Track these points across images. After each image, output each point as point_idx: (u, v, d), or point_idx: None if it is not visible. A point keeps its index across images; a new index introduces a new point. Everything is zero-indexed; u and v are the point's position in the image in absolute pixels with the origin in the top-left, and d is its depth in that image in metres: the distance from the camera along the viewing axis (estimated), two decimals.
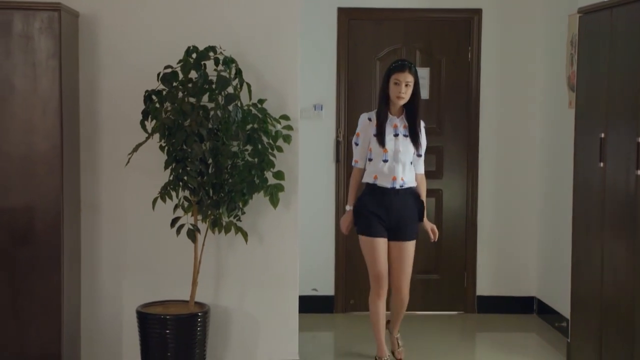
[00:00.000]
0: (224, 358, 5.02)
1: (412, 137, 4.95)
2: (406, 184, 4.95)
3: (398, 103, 4.91)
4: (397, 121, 4.95)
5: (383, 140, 4.90)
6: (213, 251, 4.95)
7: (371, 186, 4.96)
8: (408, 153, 4.95)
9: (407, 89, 4.88)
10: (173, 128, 4.57)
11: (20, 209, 4.51)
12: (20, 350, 4.48)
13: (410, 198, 4.99)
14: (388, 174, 4.92)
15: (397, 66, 4.92)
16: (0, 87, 4.46)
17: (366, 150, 5.00)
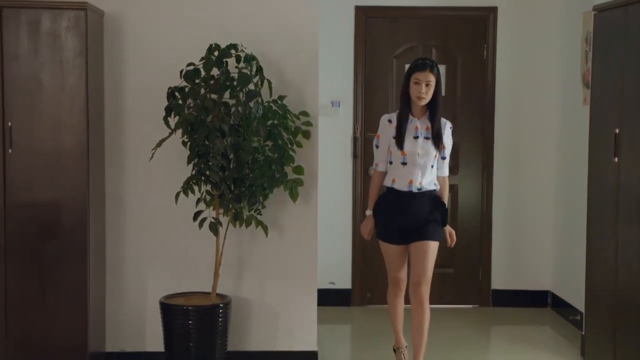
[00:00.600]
0: (244, 348, 5.04)
1: (434, 139, 4.65)
2: (424, 188, 4.65)
3: (419, 103, 4.63)
4: (418, 123, 4.66)
5: (402, 142, 4.64)
6: (234, 244, 4.97)
7: (389, 190, 4.71)
8: (429, 156, 4.64)
9: (428, 88, 4.60)
10: (195, 124, 4.59)
11: (48, 203, 4.57)
12: (48, 340, 4.53)
13: (430, 202, 4.69)
14: (405, 177, 4.65)
15: (418, 65, 4.65)
16: (29, 84, 4.49)
17: (386, 153, 4.72)
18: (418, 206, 4.64)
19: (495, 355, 5.82)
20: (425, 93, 4.57)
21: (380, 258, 4.87)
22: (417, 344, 4.69)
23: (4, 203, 4.50)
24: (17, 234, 4.56)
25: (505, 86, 6.57)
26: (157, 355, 4.95)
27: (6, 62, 4.45)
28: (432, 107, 4.64)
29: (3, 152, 4.48)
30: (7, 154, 4.48)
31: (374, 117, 6.31)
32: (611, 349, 4.41)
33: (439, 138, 4.64)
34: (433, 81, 4.59)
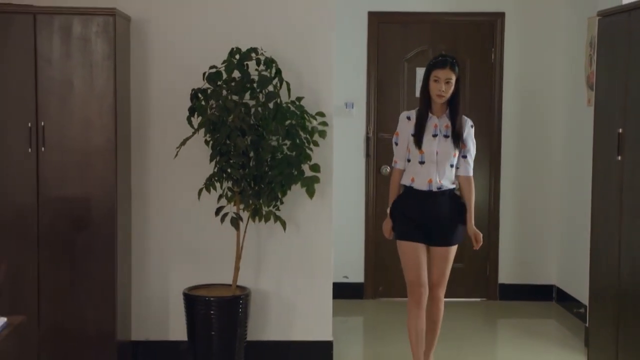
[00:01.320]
0: (263, 337, 5.07)
1: (453, 137, 4.42)
2: (444, 187, 4.43)
3: (438, 101, 4.41)
4: (437, 121, 4.44)
5: (420, 141, 4.42)
6: (253, 238, 4.99)
7: (408, 189, 4.49)
8: (447, 155, 4.42)
9: (448, 86, 4.37)
10: (217, 124, 4.62)
11: (79, 198, 4.60)
12: (79, 328, 4.57)
13: (450, 202, 4.47)
14: (424, 176, 4.42)
15: (437, 62, 4.42)
16: (61, 86, 4.52)
17: (405, 151, 4.49)
18: (438, 205, 4.44)
19: (502, 347, 5.85)
20: (445, 91, 4.37)
21: (393, 253, 4.81)
22: (429, 340, 4.56)
23: (37, 198, 4.53)
24: (50, 227, 4.57)
25: (513, 88, 6.62)
26: (180, 344, 4.95)
27: (40, 65, 4.48)
28: (452, 105, 4.44)
29: (37, 151, 4.50)
30: (40, 152, 4.51)
31: (386, 118, 6.41)
32: (614, 340, 4.42)
33: (459, 136, 4.43)
34: (453, 79, 4.38)
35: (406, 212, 4.48)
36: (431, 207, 4.43)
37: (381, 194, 6.30)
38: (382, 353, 5.35)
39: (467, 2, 6.57)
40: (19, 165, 4.54)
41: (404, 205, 4.50)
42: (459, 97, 4.44)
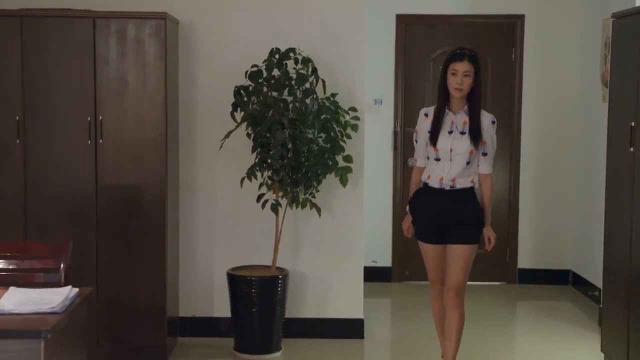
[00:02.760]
0: (300, 315, 5.13)
1: (471, 134, 4.04)
2: (457, 185, 4.09)
3: (456, 95, 4.03)
4: (454, 117, 4.08)
5: (435, 137, 4.08)
6: (291, 223, 5.05)
7: (425, 186, 4.21)
8: (462, 152, 4.06)
9: (466, 79, 3.99)
10: (258, 118, 4.69)
11: (132, 186, 4.64)
12: (132, 304, 4.63)
13: (464, 200, 4.12)
14: (437, 174, 4.12)
15: (455, 55, 4.05)
16: (117, 84, 4.57)
17: (424, 148, 4.18)
18: (451, 204, 4.11)
19: (521, 327, 5.90)
20: (462, 84, 3.99)
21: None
22: (449, 348, 4.19)
23: (95, 186, 4.60)
24: (107, 212, 4.63)
25: (532, 86, 6.63)
26: (224, 320, 5.05)
27: (98, 65, 4.55)
28: (471, 101, 4.07)
29: (95, 143, 4.57)
30: (98, 144, 4.57)
31: (413, 114, 6.38)
32: (625, 318, 4.40)
33: (477, 133, 4.04)
34: (471, 71, 4.00)
35: (421, 210, 4.22)
36: (445, 206, 4.12)
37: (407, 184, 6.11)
38: (408, 331, 5.41)
39: (489, 5, 6.59)
40: (79, 156, 4.60)
41: (419, 203, 4.24)
42: (478, 92, 4.07)
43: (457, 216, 4.12)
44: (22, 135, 4.59)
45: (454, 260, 4.12)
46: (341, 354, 4.98)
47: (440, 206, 4.14)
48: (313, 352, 4.97)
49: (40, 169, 4.63)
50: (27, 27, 4.55)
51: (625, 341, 4.33)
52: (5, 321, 2.65)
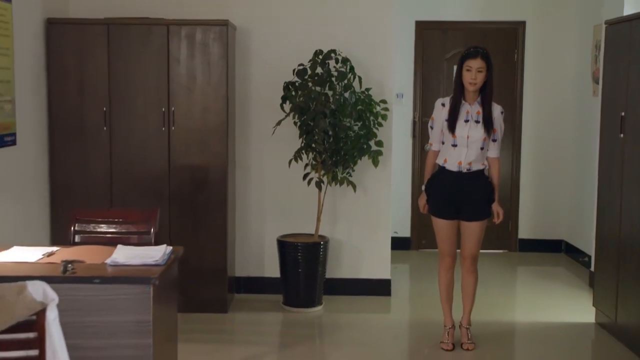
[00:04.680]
0: (337, 276, 5.24)
1: (484, 123, 4.05)
2: (473, 168, 4.08)
3: (470, 89, 4.02)
4: (469, 107, 4.06)
5: (453, 126, 4.05)
6: (330, 198, 5.15)
7: (441, 169, 4.16)
8: (478, 139, 4.05)
9: (479, 75, 3.98)
10: (304, 109, 4.78)
11: (199, 167, 4.76)
12: (199, 266, 4.74)
13: (478, 181, 4.12)
14: (455, 158, 4.08)
15: (470, 53, 4.02)
16: (187, 80, 4.70)
17: (439, 134, 4.14)
18: (467, 185, 4.11)
19: (521, 287, 6.00)
20: (476, 79, 3.99)
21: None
22: (466, 306, 4.26)
23: (168, 166, 4.73)
24: (178, 188, 4.76)
25: (531, 82, 6.67)
26: (273, 280, 5.16)
27: (171, 64, 4.68)
28: (483, 93, 4.07)
29: (168, 130, 4.70)
30: (171, 130, 4.71)
31: (429, 106, 6.36)
32: (615, 278, 4.47)
33: (490, 122, 4.06)
34: (484, 67, 3.99)
35: (439, 190, 4.18)
36: (461, 186, 4.11)
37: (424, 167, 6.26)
38: (426, 289, 5.47)
39: (495, 13, 6.63)
40: (155, 141, 4.73)
41: (437, 184, 4.19)
42: (490, 85, 4.06)
43: (472, 195, 4.13)
44: (108, 123, 4.74)
45: (470, 235, 4.17)
46: (372, 307, 5.10)
47: (457, 187, 4.12)
48: (348, 306, 5.09)
49: (123, 151, 4.76)
50: (112, 33, 4.69)
51: (614, 296, 4.46)
52: (120, 271, 2.86)
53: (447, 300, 4.32)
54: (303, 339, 4.51)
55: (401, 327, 4.91)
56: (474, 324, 4.42)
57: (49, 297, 2.26)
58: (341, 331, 4.66)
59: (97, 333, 2.77)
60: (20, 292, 2.23)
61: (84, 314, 2.77)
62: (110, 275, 2.80)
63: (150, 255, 3.01)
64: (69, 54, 4.72)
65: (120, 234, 3.59)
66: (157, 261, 2.94)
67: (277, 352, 4.34)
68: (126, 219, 3.63)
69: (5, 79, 4.08)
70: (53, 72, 4.72)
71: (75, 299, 2.75)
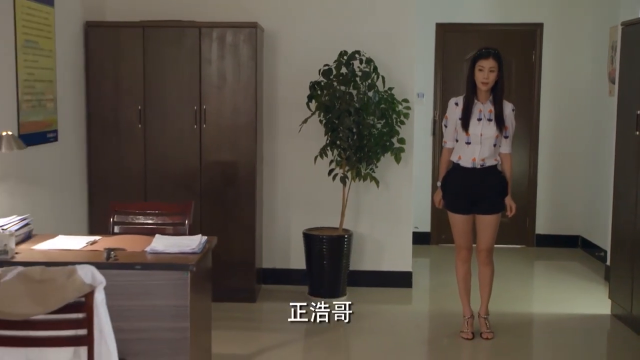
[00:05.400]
0: (361, 268, 5.28)
1: (496, 120, 4.08)
2: (486, 164, 4.12)
3: (483, 88, 4.06)
4: (482, 106, 4.10)
5: (467, 124, 4.10)
6: (354, 193, 5.18)
7: (456, 165, 4.19)
8: (491, 136, 4.09)
9: (491, 74, 4.01)
10: (329, 107, 4.83)
11: (229, 162, 4.83)
12: (229, 257, 4.77)
13: (491, 176, 4.15)
14: (469, 155, 4.12)
15: (482, 53, 4.07)
16: (217, 80, 4.76)
17: (453, 132, 4.19)
18: (481, 180, 4.15)
19: (538, 281, 6.02)
20: (488, 78, 4.02)
21: None
22: (483, 297, 4.30)
23: (200, 161, 4.80)
24: (209, 183, 4.82)
25: (548, 81, 6.65)
26: (298, 271, 5.20)
27: (203, 64, 4.75)
28: (495, 92, 4.09)
29: (200, 127, 4.77)
30: (202, 128, 4.77)
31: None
32: (630, 271, 4.47)
33: (501, 120, 4.09)
34: (495, 67, 4.02)
35: (454, 186, 4.21)
36: (475, 182, 4.15)
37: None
38: (445, 281, 5.43)
39: (513, 15, 6.62)
40: (187, 137, 4.80)
41: (452, 180, 4.22)
42: (501, 84, 4.08)
43: (486, 189, 4.16)
44: (143, 120, 4.83)
45: (485, 228, 4.20)
46: (394, 298, 5.15)
47: (472, 182, 4.17)
48: (371, 297, 5.13)
49: (157, 147, 4.85)
50: (147, 35, 4.78)
51: (630, 288, 4.47)
52: (159, 258, 2.95)
53: (465, 291, 4.36)
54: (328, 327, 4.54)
55: (422, 317, 4.95)
56: (493, 315, 4.45)
57: (97, 280, 2.35)
58: (364, 320, 4.69)
59: (137, 316, 2.86)
60: (70, 276, 2.33)
61: (125, 298, 2.86)
62: (150, 262, 2.89)
63: (186, 244, 3.09)
64: (106, 55, 4.82)
65: (157, 225, 3.69)
66: (194, 249, 3.03)
67: (303, 339, 4.41)
68: (162, 211, 3.73)
69: (48, 79, 4.20)
70: (91, 73, 4.83)
71: (117, 284, 2.83)
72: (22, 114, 3.85)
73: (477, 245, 4.27)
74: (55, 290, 2.30)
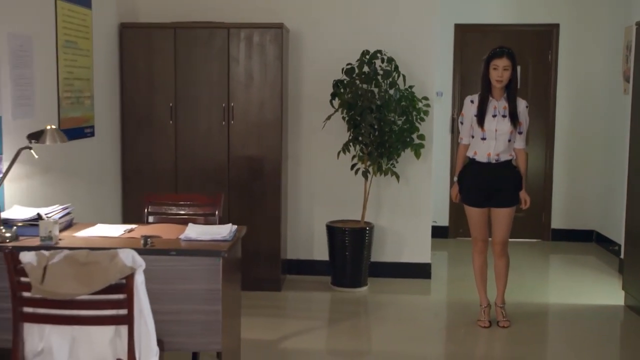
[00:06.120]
0: (382, 259, 5.32)
1: (510, 117, 4.12)
2: (501, 159, 4.16)
3: (497, 86, 4.10)
4: (496, 103, 4.14)
5: (482, 120, 4.14)
6: (375, 187, 5.22)
7: (472, 160, 4.23)
8: (505, 132, 4.12)
9: (505, 72, 4.06)
10: (352, 104, 4.88)
11: (256, 157, 4.90)
12: (256, 249, 4.85)
13: (506, 170, 4.19)
14: (485, 150, 4.16)
15: (496, 53, 4.13)
16: (245, 78, 4.84)
17: (469, 129, 4.22)
18: (496, 174, 4.19)
19: (554, 273, 6.01)
20: (502, 76, 4.08)
21: None
22: (499, 287, 4.36)
23: (228, 156, 4.89)
24: (236, 177, 4.90)
25: (565, 80, 6.65)
26: (321, 262, 5.28)
27: (231, 64, 4.83)
28: (509, 90, 4.13)
29: (228, 123, 4.85)
30: (230, 124, 4.85)
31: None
32: None
33: (515, 116, 4.13)
34: (509, 66, 4.07)
35: (470, 180, 4.25)
36: (491, 176, 4.19)
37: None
38: (463, 273, 5.46)
39: (530, 16, 6.63)
40: (216, 133, 4.89)
41: (468, 175, 4.26)
42: (515, 82, 4.13)
43: (501, 183, 4.20)
44: (174, 117, 4.92)
45: (500, 221, 4.25)
46: (413, 289, 5.20)
47: (487, 176, 4.21)
48: (391, 287, 5.19)
49: (187, 143, 4.93)
50: (179, 35, 4.87)
51: None
52: (193, 245, 3.03)
53: (482, 280, 4.41)
54: (350, 315, 4.64)
55: (440, 306, 5.00)
56: (509, 305, 4.50)
57: (137, 263, 2.45)
58: (385, 309, 4.77)
59: (172, 299, 2.95)
60: (113, 259, 2.42)
61: (161, 282, 2.94)
62: (184, 249, 2.97)
63: (218, 232, 3.17)
64: (140, 55, 4.92)
65: (188, 215, 3.78)
66: (225, 237, 3.11)
67: (326, 326, 4.48)
68: (194, 202, 3.82)
69: (85, 77, 4.31)
70: (125, 71, 4.93)
71: (153, 269, 2.91)
72: (62, 110, 3.97)
73: (492, 239, 4.33)
74: (99, 272, 2.40)
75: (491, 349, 4.20)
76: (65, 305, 2.44)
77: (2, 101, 3.26)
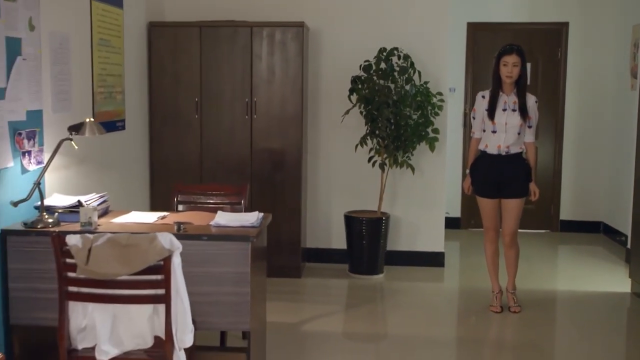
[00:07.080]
0: (397, 248, 5.36)
1: (520, 111, 4.17)
2: (511, 152, 4.21)
3: (507, 82, 4.15)
4: (506, 98, 4.19)
5: (493, 114, 4.19)
6: (391, 179, 5.28)
7: (483, 153, 4.30)
8: (515, 125, 4.17)
9: (515, 69, 4.11)
10: (369, 100, 4.93)
11: (277, 150, 4.97)
12: (277, 238, 4.88)
13: (516, 162, 4.24)
14: (495, 143, 4.21)
15: (506, 49, 4.18)
16: (267, 74, 4.90)
17: (481, 123, 4.28)
18: (506, 166, 4.24)
19: (562, 262, 6.05)
20: (511, 72, 4.12)
21: None
22: (510, 274, 4.42)
23: (250, 149, 4.95)
24: (258, 169, 4.97)
25: (573, 77, 6.65)
26: (339, 251, 5.34)
27: (254, 60, 4.90)
28: (519, 85, 4.18)
29: (251, 117, 4.91)
30: (253, 118, 4.91)
31: None
32: None
33: (525, 110, 4.17)
34: (519, 62, 4.12)
35: (482, 172, 4.31)
36: (501, 168, 4.24)
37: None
38: (475, 262, 5.56)
39: (540, 14, 6.63)
40: (239, 127, 4.96)
41: (480, 167, 4.32)
42: (525, 78, 4.17)
43: (511, 175, 4.25)
44: (199, 111, 4.99)
45: (509, 212, 4.29)
46: (427, 276, 5.26)
47: (498, 168, 4.26)
48: (406, 275, 5.25)
49: (212, 136, 5.00)
50: (204, 34, 4.94)
51: None
52: (223, 230, 3.10)
53: (493, 267, 4.47)
54: (367, 300, 4.72)
55: (453, 293, 5.05)
56: (520, 291, 4.56)
57: (175, 246, 2.54)
58: (400, 295, 4.83)
59: (204, 281, 3.02)
60: (151, 241, 2.51)
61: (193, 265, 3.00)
62: (215, 234, 3.05)
63: (246, 219, 3.24)
64: (167, 52, 5.00)
65: (215, 204, 3.85)
66: (253, 223, 3.18)
67: (344, 311, 4.55)
68: (221, 192, 3.90)
69: (117, 74, 4.41)
70: (154, 68, 5.02)
71: (186, 253, 2.95)
72: (96, 105, 4.06)
73: (502, 230, 4.37)
74: (139, 254, 2.49)
75: (503, 333, 4.26)
76: (107, 284, 2.53)
77: (43, 96, 3.36)
